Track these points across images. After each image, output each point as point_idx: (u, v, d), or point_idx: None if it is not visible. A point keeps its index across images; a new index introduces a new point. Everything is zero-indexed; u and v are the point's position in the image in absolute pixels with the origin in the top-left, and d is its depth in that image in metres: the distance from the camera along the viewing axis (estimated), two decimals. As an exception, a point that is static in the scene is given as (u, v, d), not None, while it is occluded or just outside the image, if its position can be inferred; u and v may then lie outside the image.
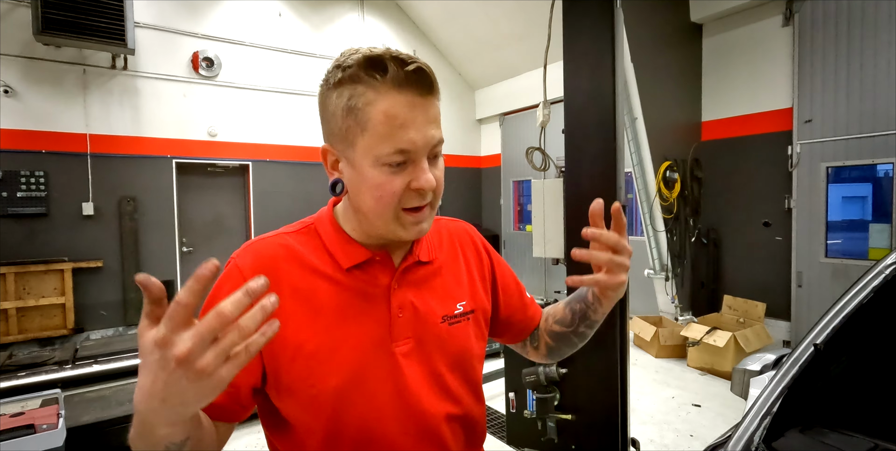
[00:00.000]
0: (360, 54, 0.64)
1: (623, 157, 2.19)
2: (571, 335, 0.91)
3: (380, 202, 0.67)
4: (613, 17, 2.14)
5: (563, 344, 0.93)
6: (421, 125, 0.65)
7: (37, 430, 2.34)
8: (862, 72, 4.17)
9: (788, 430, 1.08)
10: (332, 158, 0.72)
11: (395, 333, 0.74)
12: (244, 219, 6.55)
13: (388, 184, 0.66)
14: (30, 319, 4.98)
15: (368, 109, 0.64)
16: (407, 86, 0.64)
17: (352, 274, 0.74)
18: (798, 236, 4.64)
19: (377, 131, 0.64)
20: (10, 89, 4.95)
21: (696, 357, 4.29)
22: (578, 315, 0.88)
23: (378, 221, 0.70)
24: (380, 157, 0.65)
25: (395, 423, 0.72)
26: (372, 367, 0.72)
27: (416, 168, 0.67)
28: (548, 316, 0.96)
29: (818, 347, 1.14)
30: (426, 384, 0.76)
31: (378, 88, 0.64)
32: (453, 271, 0.85)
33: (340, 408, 0.70)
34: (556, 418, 2.31)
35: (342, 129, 0.67)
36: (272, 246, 0.73)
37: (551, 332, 0.94)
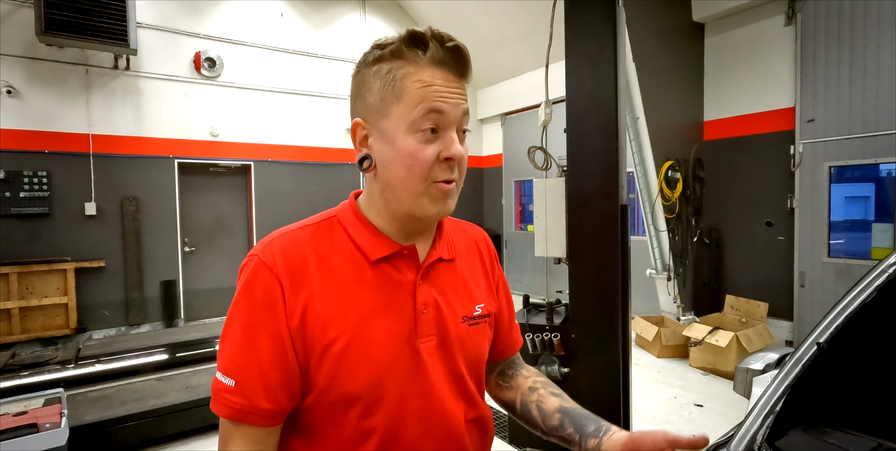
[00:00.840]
0: (404, 32, 0.67)
1: (625, 156, 2.18)
2: (539, 431, 0.85)
3: (411, 172, 0.67)
4: (615, 16, 2.13)
5: (524, 421, 0.88)
6: (453, 96, 0.68)
7: (40, 429, 2.35)
8: (865, 71, 4.16)
9: (791, 429, 1.08)
10: (363, 133, 0.72)
11: (420, 329, 0.73)
12: (246, 219, 6.56)
13: (421, 152, 0.67)
14: (33, 318, 4.99)
15: (406, 79, 0.66)
16: (444, 64, 0.67)
17: (378, 267, 0.72)
18: (800, 236, 4.63)
19: (412, 97, 0.66)
20: (13, 90, 4.96)
21: (698, 357, 4.28)
22: (563, 434, 0.80)
23: (407, 194, 0.69)
24: (413, 121, 0.66)
25: (418, 424, 0.71)
26: (400, 364, 0.70)
27: (446, 137, 0.68)
28: (536, 390, 0.89)
29: (821, 346, 1.14)
30: (448, 384, 0.75)
31: (418, 63, 0.67)
32: (472, 272, 0.84)
33: (368, 408, 0.68)
34: (558, 417, 2.31)
35: (377, 100, 0.68)
36: (297, 240, 0.71)
37: (526, 407, 0.87)
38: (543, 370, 2.29)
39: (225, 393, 0.65)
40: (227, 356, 0.66)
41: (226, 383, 0.65)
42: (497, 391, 0.94)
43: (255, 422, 0.65)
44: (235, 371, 0.65)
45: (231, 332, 0.67)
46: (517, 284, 7.99)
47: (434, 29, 0.67)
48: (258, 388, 0.64)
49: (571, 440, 0.79)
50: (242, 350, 0.65)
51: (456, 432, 0.75)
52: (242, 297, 0.67)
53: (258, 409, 0.64)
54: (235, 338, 0.66)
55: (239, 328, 0.66)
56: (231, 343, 0.66)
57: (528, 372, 0.95)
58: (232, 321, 0.67)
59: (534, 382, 0.91)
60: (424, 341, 0.73)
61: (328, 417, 0.69)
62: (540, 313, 2.67)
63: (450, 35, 0.67)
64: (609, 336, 2.20)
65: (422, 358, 0.72)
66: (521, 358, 0.99)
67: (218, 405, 0.65)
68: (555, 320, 2.55)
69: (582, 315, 2.28)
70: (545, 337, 2.42)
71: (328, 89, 6.94)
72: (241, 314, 0.67)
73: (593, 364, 2.26)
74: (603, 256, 2.16)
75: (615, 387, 2.20)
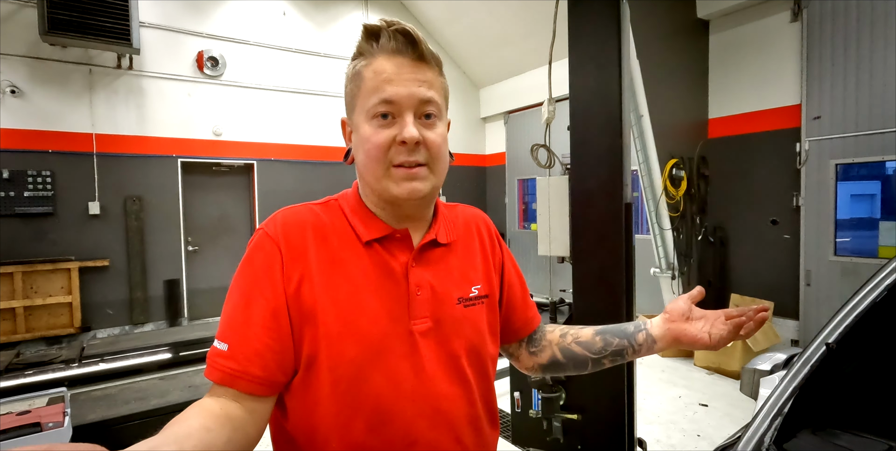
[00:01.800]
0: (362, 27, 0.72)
1: (630, 154, 2.16)
2: (590, 362, 0.89)
3: (369, 156, 0.71)
4: (620, 13, 2.11)
5: (573, 365, 0.91)
6: (406, 81, 0.70)
7: (43, 428, 2.35)
8: (871, 67, 4.12)
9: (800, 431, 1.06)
10: (348, 129, 0.78)
11: (413, 311, 0.74)
12: (249, 218, 6.56)
13: (375, 136, 0.70)
14: (37, 317, 5.01)
15: (363, 71, 0.71)
16: (397, 52, 0.71)
17: (372, 248, 0.75)
18: (806, 234, 4.59)
19: (367, 87, 0.71)
20: (17, 89, 4.97)
21: (702, 357, 4.26)
22: (612, 348, 0.86)
23: (371, 178, 0.73)
24: (369, 110, 0.70)
25: (410, 404, 0.71)
26: (390, 343, 0.71)
27: (401, 122, 0.70)
28: (566, 333, 0.93)
29: (830, 346, 1.12)
30: (442, 366, 0.75)
31: (374, 55, 0.71)
32: (469, 254, 0.85)
33: (357, 383, 0.69)
34: (562, 417, 2.30)
35: (349, 96, 0.75)
36: (301, 213, 0.75)
37: (567, 350, 0.90)
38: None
39: (218, 357, 0.66)
40: (223, 323, 0.68)
41: (220, 348, 0.66)
42: (533, 360, 0.94)
43: (244, 388, 0.65)
44: (230, 336, 0.66)
45: (230, 300, 0.69)
46: (520, 283, 7.95)
47: (388, 19, 0.71)
48: (250, 353, 0.65)
49: (622, 347, 0.85)
50: (238, 316, 0.67)
51: (450, 415, 0.75)
52: (244, 266, 0.71)
53: (248, 374, 0.65)
54: (233, 305, 0.68)
55: (237, 296, 0.69)
56: (229, 310, 0.69)
57: (552, 327, 0.98)
58: (232, 290, 0.70)
59: (561, 330, 0.95)
60: (418, 323, 0.74)
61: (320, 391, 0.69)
62: (543, 313, 2.66)
63: (398, 21, 0.70)
64: (613, 336, 2.18)
65: (415, 339, 0.73)
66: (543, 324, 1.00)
67: (211, 370, 0.66)
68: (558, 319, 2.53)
69: (586, 315, 2.26)
70: (549, 336, 2.40)
71: (331, 88, 6.93)
72: (241, 282, 0.69)
73: (597, 364, 2.24)
74: (607, 254, 2.14)
75: (619, 387, 2.18)
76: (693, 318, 0.85)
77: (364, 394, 0.69)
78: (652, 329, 0.85)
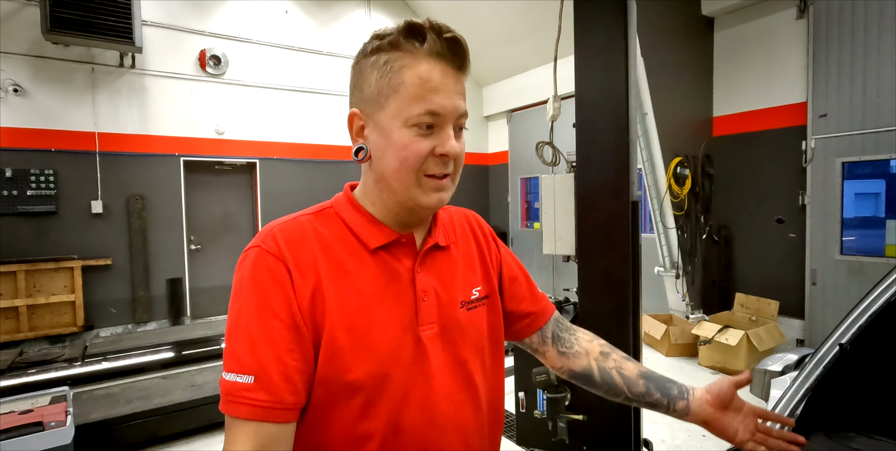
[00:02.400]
0: (402, 23, 0.67)
1: (636, 152, 2.14)
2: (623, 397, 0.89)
3: (404, 164, 0.67)
4: (626, 9, 2.09)
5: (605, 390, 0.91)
6: (451, 93, 0.67)
7: (45, 427, 2.35)
8: (878, 65, 4.08)
9: (813, 434, 1.04)
10: (359, 123, 0.72)
11: (420, 317, 0.72)
12: (252, 217, 6.56)
13: (414, 145, 0.67)
14: (40, 316, 5.01)
15: (403, 71, 0.66)
16: (442, 56, 0.67)
17: (377, 255, 0.72)
18: (812, 233, 4.55)
19: (409, 93, 0.66)
20: (20, 88, 4.97)
21: (707, 356, 4.23)
22: (650, 399, 0.87)
23: (399, 186, 0.69)
24: (410, 118, 0.66)
25: (420, 412, 0.70)
26: (402, 352, 0.70)
27: (442, 134, 0.68)
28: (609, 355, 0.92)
29: (844, 347, 1.10)
30: (450, 372, 0.74)
31: (415, 55, 0.67)
32: (467, 256, 0.84)
33: (373, 396, 0.67)
34: (567, 418, 2.28)
35: (374, 91, 0.68)
36: (299, 226, 0.71)
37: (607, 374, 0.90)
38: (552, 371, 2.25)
39: (245, 392, 0.60)
40: (240, 352, 0.62)
41: (243, 381, 0.61)
42: (564, 361, 0.93)
43: (280, 418, 0.61)
44: (252, 366, 0.61)
45: (240, 326, 0.64)
46: (523, 282, 7.94)
47: (433, 20, 0.67)
48: (279, 380, 0.61)
49: (659, 404, 0.87)
50: (257, 342, 0.62)
51: (459, 420, 0.73)
52: (247, 287, 0.65)
53: (283, 403, 0.61)
54: (247, 330, 0.63)
55: (249, 320, 0.63)
56: (242, 337, 0.63)
57: (585, 335, 0.97)
58: (239, 315, 0.64)
59: (600, 346, 0.94)
60: (426, 328, 0.73)
61: (330, 407, 0.66)
62: (548, 312, 2.63)
63: (448, 26, 0.67)
64: (619, 335, 2.16)
65: (424, 346, 0.72)
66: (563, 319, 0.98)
67: (237, 406, 0.60)
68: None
69: (591, 314, 2.24)
70: (553, 336, 2.38)
71: (333, 86, 6.92)
72: (249, 305, 0.64)
73: (603, 364, 2.22)
74: (613, 253, 2.11)
75: (625, 387, 2.16)
76: (731, 408, 0.86)
77: (379, 407, 0.67)
78: (693, 403, 0.86)
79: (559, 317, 0.97)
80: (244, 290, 0.65)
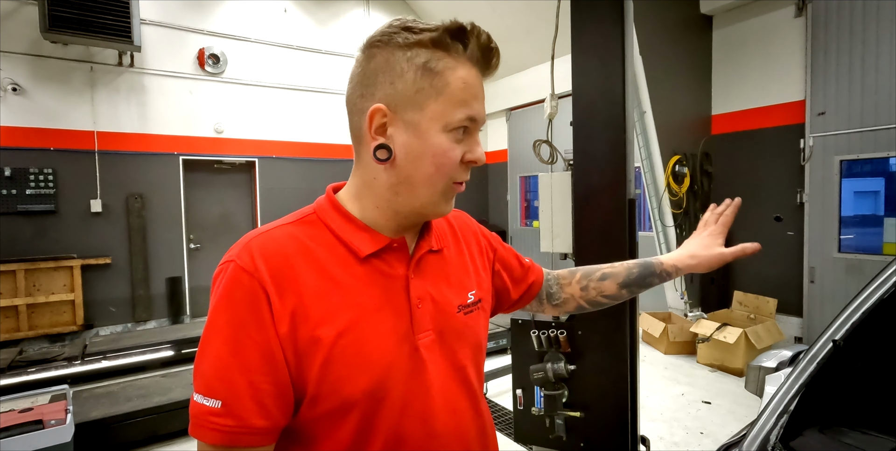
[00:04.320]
0: (447, 21, 0.66)
1: (633, 150, 2.14)
2: (614, 300, 1.01)
3: (440, 170, 0.66)
4: (623, 8, 2.09)
5: (597, 306, 1.01)
6: (482, 101, 0.68)
7: (45, 425, 2.36)
8: (876, 63, 4.08)
9: (807, 429, 1.05)
10: (381, 121, 0.65)
11: (416, 325, 0.70)
12: (251, 216, 6.56)
13: (452, 151, 0.66)
14: (39, 315, 5.02)
15: (448, 73, 0.64)
16: (478, 63, 0.67)
17: (369, 263, 0.68)
18: (811, 231, 4.56)
19: (454, 97, 0.65)
20: (18, 87, 4.97)
21: (705, 354, 4.24)
22: (637, 293, 1.01)
23: (427, 191, 0.67)
24: (451, 122, 0.65)
25: (420, 423, 0.68)
26: (399, 363, 0.67)
27: (471, 140, 0.68)
28: (587, 286, 0.99)
29: (837, 343, 1.10)
30: (450, 380, 0.73)
31: (458, 58, 0.65)
32: (460, 259, 0.83)
33: (370, 411, 0.65)
34: (565, 415, 2.29)
35: (412, 90, 0.64)
36: (276, 238, 0.66)
37: (593, 301, 1.00)
38: (549, 368, 2.26)
39: (211, 416, 0.58)
40: (208, 374, 0.60)
41: (209, 405, 0.58)
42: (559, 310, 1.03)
43: (249, 443, 0.59)
44: (221, 390, 0.59)
45: (210, 347, 0.60)
46: (523, 280, 7.94)
47: (475, 24, 0.66)
48: (249, 405, 0.59)
49: (648, 285, 1.00)
50: (228, 365, 0.59)
51: (460, 428, 0.73)
52: (222, 308, 0.61)
53: (251, 428, 0.59)
54: (217, 353, 0.60)
55: (220, 342, 0.60)
56: (212, 359, 0.60)
57: (566, 278, 1.02)
58: (211, 336, 0.61)
59: (578, 282, 1.01)
60: (422, 336, 0.70)
61: (327, 424, 0.64)
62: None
63: (488, 33, 0.67)
64: (616, 333, 2.17)
65: (421, 355, 0.69)
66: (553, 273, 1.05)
67: (203, 431, 0.58)
68: (560, 316, 2.52)
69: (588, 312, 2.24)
70: (551, 334, 2.39)
71: (332, 85, 6.91)
72: (221, 326, 0.60)
73: (600, 361, 2.23)
74: (610, 251, 2.12)
75: (622, 384, 2.17)
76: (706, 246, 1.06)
77: (376, 420, 0.65)
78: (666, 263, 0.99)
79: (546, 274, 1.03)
80: (218, 310, 0.61)
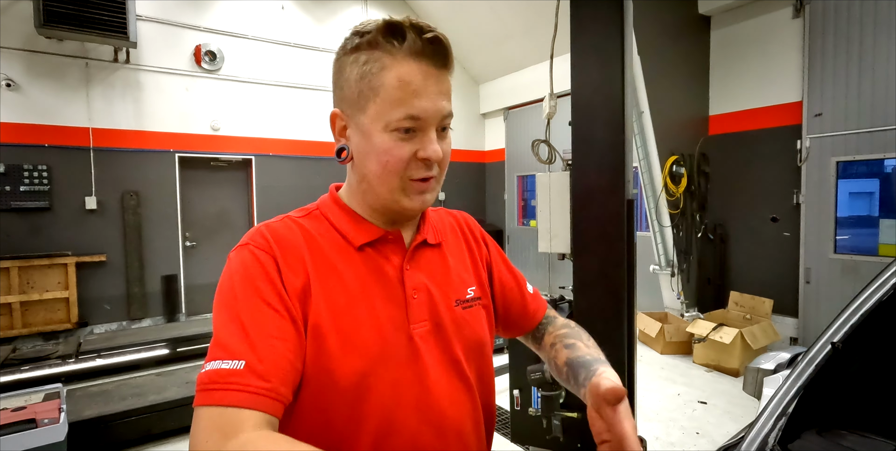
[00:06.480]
0: (381, 20, 0.65)
1: (631, 150, 2.14)
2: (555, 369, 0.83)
3: (386, 168, 0.67)
4: (622, 8, 2.09)
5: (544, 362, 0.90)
6: (433, 95, 0.65)
7: (38, 424, 2.34)
8: (873, 65, 4.09)
9: (805, 431, 1.05)
10: (341, 123, 0.71)
11: (411, 315, 0.71)
12: (247, 214, 6.53)
13: (396, 149, 0.66)
14: (34, 313, 4.98)
15: (383, 74, 0.64)
16: (423, 56, 0.64)
17: (365, 253, 0.72)
18: (807, 232, 4.58)
19: (389, 96, 0.64)
20: (13, 83, 4.93)
21: (701, 354, 4.25)
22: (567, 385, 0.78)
23: (382, 188, 0.69)
24: (390, 122, 0.65)
25: (415, 413, 0.69)
26: (392, 350, 0.68)
27: (424, 137, 0.67)
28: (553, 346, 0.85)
29: (836, 345, 1.10)
30: (445, 371, 0.73)
31: (395, 55, 0.64)
32: (459, 256, 0.83)
33: (361, 395, 0.66)
34: (562, 416, 2.29)
35: (354, 93, 0.67)
36: (287, 226, 0.71)
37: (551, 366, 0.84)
38: (546, 369, 2.26)
39: (234, 377, 0.54)
40: (228, 341, 0.57)
41: (229, 366, 0.55)
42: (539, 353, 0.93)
43: (268, 408, 0.54)
44: (244, 351, 0.56)
45: (227, 314, 0.60)
46: (519, 279, 7.95)
47: (412, 18, 0.64)
48: (274, 369, 0.56)
49: (577, 391, 0.73)
50: (248, 330, 0.58)
51: (455, 421, 0.72)
52: (239, 279, 0.62)
53: (277, 392, 0.55)
54: (234, 317, 0.59)
55: (238, 307, 0.60)
56: (230, 325, 0.58)
57: (553, 328, 0.90)
58: (226, 305, 0.61)
59: (554, 337, 0.87)
60: (417, 327, 0.71)
61: (323, 406, 0.65)
62: (543, 310, 2.63)
63: (428, 25, 0.65)
64: (614, 333, 2.17)
65: (416, 345, 0.70)
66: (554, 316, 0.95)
67: (222, 394, 0.53)
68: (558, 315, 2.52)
69: (586, 312, 2.24)
70: (548, 334, 2.38)
71: (329, 83, 6.86)
72: (239, 293, 0.61)
73: (597, 361, 2.22)
74: (608, 251, 2.12)
75: (619, 385, 2.16)
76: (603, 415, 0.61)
77: (368, 407, 0.66)
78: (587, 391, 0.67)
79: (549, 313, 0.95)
80: (233, 280, 0.62)
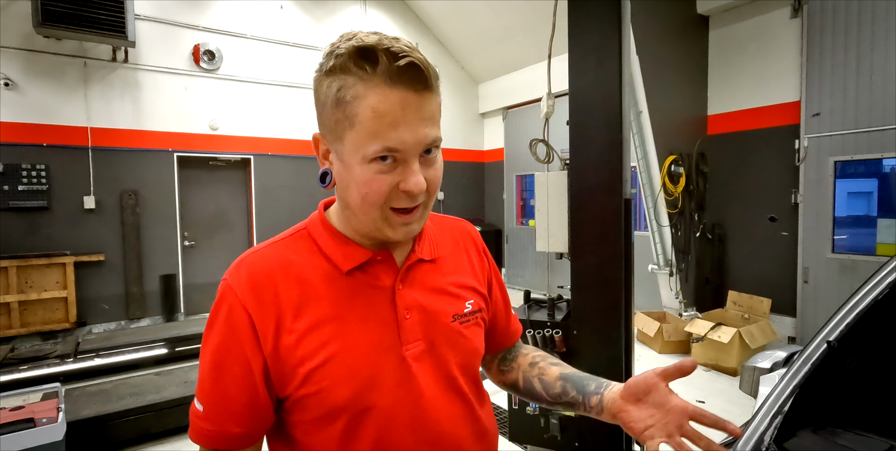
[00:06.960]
0: (352, 43, 0.59)
1: (629, 149, 2.14)
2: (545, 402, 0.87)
3: (366, 200, 0.64)
4: (620, 7, 2.09)
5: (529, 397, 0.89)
6: (413, 124, 0.60)
7: (37, 424, 2.34)
8: (871, 65, 4.10)
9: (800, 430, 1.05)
10: (324, 147, 0.69)
11: (404, 336, 0.70)
12: (246, 213, 6.53)
13: (375, 182, 0.62)
14: (32, 312, 4.98)
15: (357, 102, 0.59)
16: (399, 81, 0.58)
17: (353, 276, 0.70)
18: (805, 232, 4.58)
19: (365, 128, 0.59)
20: (11, 82, 4.92)
21: (700, 353, 4.26)
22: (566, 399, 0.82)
23: (365, 218, 0.66)
24: (367, 155, 0.61)
25: (411, 434, 0.69)
26: (383, 374, 0.68)
27: (405, 169, 0.62)
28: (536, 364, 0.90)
29: (832, 344, 1.11)
30: (440, 388, 0.72)
31: (368, 82, 0.59)
32: (458, 268, 0.82)
33: (354, 422, 0.66)
34: (560, 415, 2.29)
35: (331, 121, 0.63)
36: (265, 258, 0.70)
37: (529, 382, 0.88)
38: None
39: (196, 419, 0.67)
40: (200, 381, 0.68)
41: (197, 408, 0.67)
42: (500, 377, 0.95)
43: (226, 446, 0.66)
44: (204, 398, 0.67)
45: (202, 359, 0.68)
46: (518, 279, 7.96)
47: (385, 40, 0.59)
48: (225, 413, 0.66)
49: (576, 402, 0.81)
50: (210, 377, 0.67)
51: (453, 438, 0.72)
52: (211, 324, 0.68)
53: (227, 433, 0.66)
54: (204, 365, 0.68)
55: (207, 356, 0.68)
56: (202, 370, 0.68)
57: (527, 350, 0.95)
58: (203, 349, 0.69)
59: (533, 357, 0.92)
60: (411, 347, 0.71)
61: (316, 432, 0.67)
62: (541, 309, 2.64)
63: (402, 47, 0.58)
64: (612, 332, 2.17)
65: (408, 366, 0.70)
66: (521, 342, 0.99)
67: (191, 431, 0.67)
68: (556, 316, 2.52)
69: (584, 311, 2.25)
70: (546, 333, 2.39)
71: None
72: (209, 341, 0.68)
73: (595, 361, 2.23)
74: (606, 251, 2.12)
75: (617, 384, 2.17)
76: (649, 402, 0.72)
77: (362, 429, 0.67)
78: (606, 396, 0.77)
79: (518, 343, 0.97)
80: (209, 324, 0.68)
